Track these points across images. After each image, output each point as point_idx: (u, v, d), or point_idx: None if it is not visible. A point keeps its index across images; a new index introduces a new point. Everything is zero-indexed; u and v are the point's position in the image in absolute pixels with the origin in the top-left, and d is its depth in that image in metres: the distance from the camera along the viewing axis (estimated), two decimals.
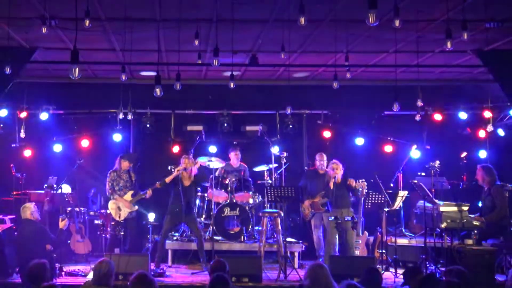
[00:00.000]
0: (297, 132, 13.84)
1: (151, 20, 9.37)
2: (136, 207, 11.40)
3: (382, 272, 9.95)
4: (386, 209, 10.98)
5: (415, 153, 13.06)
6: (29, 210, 9.80)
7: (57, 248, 10.07)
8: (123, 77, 9.88)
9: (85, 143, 13.38)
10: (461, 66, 12.18)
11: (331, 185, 10.96)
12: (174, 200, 11.04)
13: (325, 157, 11.84)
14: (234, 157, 12.59)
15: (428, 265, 10.40)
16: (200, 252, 11.00)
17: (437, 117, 13.38)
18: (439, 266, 10.30)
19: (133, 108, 12.69)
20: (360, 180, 10.91)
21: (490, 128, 13.01)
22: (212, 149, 13.27)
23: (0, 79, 10.57)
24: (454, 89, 14.07)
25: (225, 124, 13.50)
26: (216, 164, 12.10)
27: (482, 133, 13.33)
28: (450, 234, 10.46)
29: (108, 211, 11.60)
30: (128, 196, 11.29)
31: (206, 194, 12.11)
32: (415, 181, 10.87)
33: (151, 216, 12.00)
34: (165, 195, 11.56)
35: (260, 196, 12.20)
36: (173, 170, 11.49)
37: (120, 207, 11.23)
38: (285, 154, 12.14)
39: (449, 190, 12.48)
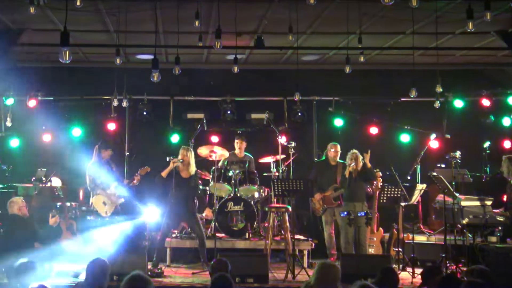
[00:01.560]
0: (306, 120, 13.81)
1: None
2: (122, 199, 11.30)
3: (399, 272, 9.96)
4: (402, 204, 10.94)
5: (434, 143, 13.03)
6: (17, 205, 9.80)
7: (47, 246, 10.07)
8: (118, 60, 9.86)
9: (76, 132, 13.34)
10: (484, 48, 12.16)
11: (347, 173, 10.93)
12: (172, 195, 10.89)
13: (339, 148, 11.73)
14: (238, 146, 12.49)
15: (448, 265, 10.36)
16: (201, 253, 10.94)
17: (458, 104, 13.34)
18: (460, 265, 10.27)
19: (129, 94, 12.66)
20: (375, 170, 10.91)
21: None
22: (214, 138, 13.24)
23: None
24: (476, 74, 14.02)
25: (229, 112, 13.47)
26: (220, 153, 12.09)
27: (506, 121, 13.30)
28: (472, 230, 10.46)
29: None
30: (112, 188, 11.19)
31: (207, 188, 12.09)
32: (434, 174, 10.85)
33: (150, 212, 11.86)
34: (163, 187, 11.45)
35: (266, 189, 12.18)
36: (171, 160, 11.47)
37: (105, 201, 11.13)
38: (293, 144, 12.08)
39: (471, 183, 12.46)
